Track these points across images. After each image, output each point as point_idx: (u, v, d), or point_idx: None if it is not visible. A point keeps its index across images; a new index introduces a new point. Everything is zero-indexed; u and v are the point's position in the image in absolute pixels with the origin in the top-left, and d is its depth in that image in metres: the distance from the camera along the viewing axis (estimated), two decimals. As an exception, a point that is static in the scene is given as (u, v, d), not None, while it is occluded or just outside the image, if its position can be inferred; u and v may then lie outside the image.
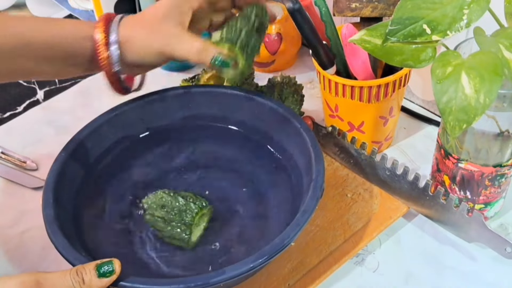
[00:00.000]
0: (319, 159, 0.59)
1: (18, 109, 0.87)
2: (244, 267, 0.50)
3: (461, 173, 0.59)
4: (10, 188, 0.75)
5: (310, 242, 0.62)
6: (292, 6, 0.58)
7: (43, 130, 0.82)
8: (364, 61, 0.65)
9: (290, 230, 0.53)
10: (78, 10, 1.00)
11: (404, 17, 0.52)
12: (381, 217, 0.64)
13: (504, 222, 0.65)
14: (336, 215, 0.65)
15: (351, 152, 0.68)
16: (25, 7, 1.08)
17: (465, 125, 0.48)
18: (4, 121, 0.85)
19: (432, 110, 0.79)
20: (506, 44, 0.49)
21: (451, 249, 0.63)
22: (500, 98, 0.53)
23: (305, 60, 0.90)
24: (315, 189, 0.57)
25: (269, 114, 0.67)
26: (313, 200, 0.56)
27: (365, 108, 0.68)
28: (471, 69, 0.48)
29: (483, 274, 0.61)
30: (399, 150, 0.75)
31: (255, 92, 0.68)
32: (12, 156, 0.78)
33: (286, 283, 0.59)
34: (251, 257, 0.51)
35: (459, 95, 0.48)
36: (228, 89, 0.69)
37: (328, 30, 0.64)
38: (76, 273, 0.49)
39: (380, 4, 0.67)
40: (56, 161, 0.61)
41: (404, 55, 0.53)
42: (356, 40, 0.56)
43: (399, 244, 0.64)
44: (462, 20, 0.50)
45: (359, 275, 0.61)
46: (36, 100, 0.88)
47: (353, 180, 0.69)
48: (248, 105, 0.68)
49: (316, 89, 0.85)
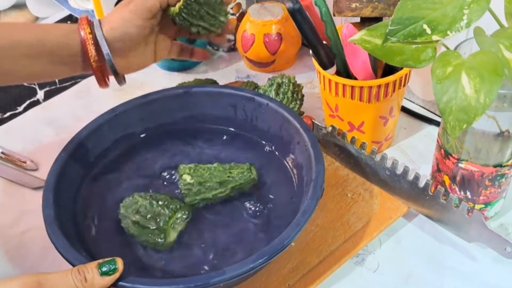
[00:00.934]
0: (319, 159, 0.59)
1: (18, 109, 0.87)
2: (245, 267, 0.51)
3: (461, 173, 0.59)
4: (10, 188, 0.75)
5: (310, 242, 0.62)
6: (292, 6, 0.58)
7: (43, 130, 0.82)
8: (364, 61, 0.65)
9: (290, 230, 0.53)
10: (78, 10, 1.00)
11: (404, 17, 0.52)
12: (381, 217, 0.64)
13: (504, 222, 0.65)
14: (336, 215, 0.65)
15: (351, 152, 0.68)
16: (25, 7, 1.08)
17: (465, 125, 0.48)
18: (4, 121, 0.85)
19: (432, 110, 0.79)
20: (506, 44, 0.49)
21: (451, 249, 0.63)
22: (500, 98, 0.53)
23: (305, 60, 0.90)
24: (315, 189, 0.57)
25: (269, 114, 0.67)
26: (313, 200, 0.56)
27: (365, 108, 0.68)
28: (471, 69, 0.48)
29: (483, 274, 0.61)
30: (399, 150, 0.75)
31: (255, 92, 0.68)
32: (12, 156, 0.78)
33: (286, 283, 0.59)
34: (251, 257, 0.51)
35: (459, 95, 0.48)
36: (228, 89, 0.69)
37: (328, 30, 0.64)
38: (78, 272, 0.49)
39: (380, 4, 0.67)
40: (56, 161, 0.61)
41: (404, 55, 0.53)
42: (356, 40, 0.56)
43: (399, 244, 0.64)
44: (462, 20, 0.50)
45: (359, 275, 0.61)
46: (36, 100, 0.88)
47: (353, 180, 0.69)
48: (248, 105, 0.68)
49: (316, 89, 0.85)
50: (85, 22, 0.61)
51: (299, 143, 0.63)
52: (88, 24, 0.61)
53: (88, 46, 0.60)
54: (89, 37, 0.60)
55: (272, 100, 0.67)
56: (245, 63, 0.90)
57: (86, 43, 0.60)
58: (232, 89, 0.69)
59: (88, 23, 0.61)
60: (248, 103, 0.67)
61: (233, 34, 0.81)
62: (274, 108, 0.66)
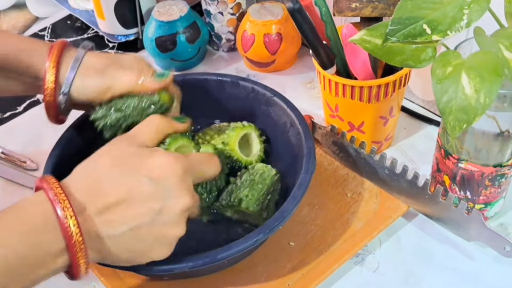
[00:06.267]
0: (308, 135, 0.61)
1: (18, 109, 0.87)
2: (249, 241, 0.53)
3: (461, 173, 0.59)
4: (10, 188, 0.75)
5: (310, 241, 0.63)
6: (292, 6, 0.58)
7: (43, 130, 0.82)
8: (364, 61, 0.65)
9: (288, 204, 0.55)
10: (78, 10, 1.00)
11: (404, 17, 0.52)
12: (381, 217, 0.64)
13: (504, 222, 0.65)
14: (336, 215, 0.65)
15: (350, 151, 0.68)
16: (25, 7, 1.08)
17: (465, 125, 0.48)
18: (4, 121, 0.85)
19: (432, 110, 0.79)
20: (506, 44, 0.49)
21: (451, 248, 0.63)
22: (500, 98, 0.53)
23: (305, 60, 0.90)
24: (308, 164, 0.59)
25: (253, 96, 0.68)
26: (307, 174, 0.58)
27: (365, 108, 0.68)
28: (471, 69, 0.48)
29: (483, 274, 0.61)
30: (399, 150, 0.75)
31: (238, 77, 0.70)
32: (12, 156, 0.78)
33: (286, 283, 0.59)
34: (254, 232, 0.53)
35: (459, 95, 0.48)
36: (208, 75, 0.71)
37: (328, 30, 0.64)
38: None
39: (380, 4, 0.67)
40: (50, 157, 0.62)
41: (404, 55, 0.53)
42: (356, 40, 0.56)
43: (399, 243, 0.64)
44: (462, 20, 0.50)
45: (359, 275, 0.62)
46: (36, 100, 0.88)
47: (353, 179, 0.69)
48: (235, 90, 0.70)
49: (316, 89, 0.85)
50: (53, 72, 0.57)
51: (286, 122, 0.65)
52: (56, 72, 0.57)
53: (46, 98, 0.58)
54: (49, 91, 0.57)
55: (256, 83, 0.68)
56: (245, 63, 0.90)
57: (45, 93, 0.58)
58: (216, 76, 0.70)
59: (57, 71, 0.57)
60: (232, 87, 0.69)
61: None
62: (256, 89, 0.68)
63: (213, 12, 0.88)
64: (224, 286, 0.60)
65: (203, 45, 0.89)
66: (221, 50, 0.93)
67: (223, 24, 0.89)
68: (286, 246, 0.62)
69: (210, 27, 0.90)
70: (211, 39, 0.92)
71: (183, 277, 0.59)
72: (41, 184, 0.47)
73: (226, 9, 0.87)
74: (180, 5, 0.86)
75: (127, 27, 0.93)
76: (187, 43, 0.85)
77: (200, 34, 0.87)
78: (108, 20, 0.92)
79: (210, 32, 0.91)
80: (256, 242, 0.53)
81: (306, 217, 0.65)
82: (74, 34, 1.00)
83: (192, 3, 0.92)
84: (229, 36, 0.91)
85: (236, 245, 0.53)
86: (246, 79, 0.70)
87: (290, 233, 0.63)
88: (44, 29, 1.02)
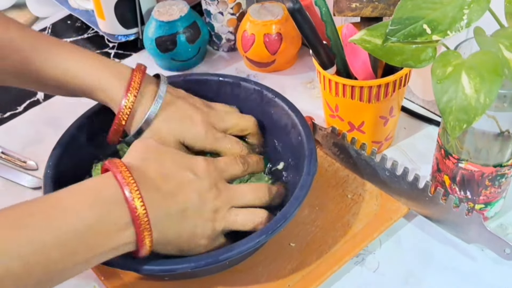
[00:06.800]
0: (309, 137, 0.61)
1: (18, 109, 0.87)
2: (251, 242, 0.53)
3: (461, 173, 0.59)
4: (10, 188, 0.75)
5: (310, 243, 0.62)
6: (292, 6, 0.58)
7: (43, 130, 0.82)
8: (364, 61, 0.65)
9: (290, 205, 0.55)
10: (78, 10, 1.00)
11: (404, 17, 0.52)
12: (381, 218, 0.64)
13: (504, 222, 0.65)
14: (336, 216, 0.65)
15: (350, 153, 0.68)
16: (25, 7, 1.08)
17: (465, 125, 0.48)
18: (4, 121, 0.85)
19: (432, 110, 0.79)
20: (506, 44, 0.49)
21: (451, 249, 0.63)
22: (500, 98, 0.53)
23: (305, 60, 0.90)
24: (309, 166, 0.59)
25: (254, 97, 0.68)
26: (308, 176, 0.58)
27: (365, 108, 0.68)
28: (471, 69, 0.48)
29: (483, 275, 0.60)
30: (399, 150, 0.75)
31: (241, 78, 0.70)
32: (12, 156, 0.78)
33: (286, 284, 0.59)
34: (257, 233, 0.54)
35: (459, 95, 0.48)
36: (209, 76, 0.71)
37: (328, 30, 0.64)
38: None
39: (381, 4, 0.67)
40: (51, 157, 0.62)
41: (404, 55, 0.53)
42: (356, 40, 0.56)
43: (399, 244, 0.64)
44: (462, 20, 0.50)
45: (359, 275, 0.61)
46: (36, 100, 0.88)
47: (353, 181, 0.69)
48: (236, 91, 0.70)
49: (316, 89, 0.85)
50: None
51: (288, 124, 0.65)
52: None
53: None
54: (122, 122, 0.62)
55: (257, 83, 0.68)
56: (245, 63, 0.90)
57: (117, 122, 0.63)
58: (217, 76, 0.70)
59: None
60: (236, 88, 0.69)
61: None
62: (259, 90, 0.68)
63: (213, 12, 0.88)
64: (224, 286, 0.60)
65: (203, 45, 0.89)
66: (221, 50, 0.93)
67: (223, 24, 0.89)
68: (287, 247, 0.62)
69: (210, 27, 0.90)
70: (211, 39, 0.92)
71: (183, 277, 0.59)
72: (110, 166, 0.52)
73: (226, 9, 0.87)
74: (180, 5, 0.86)
75: (127, 27, 0.93)
76: (187, 43, 0.85)
77: (200, 34, 0.87)
78: (108, 20, 0.92)
79: (210, 32, 0.91)
80: (258, 243, 0.53)
81: (306, 218, 0.65)
82: (74, 34, 1.00)
83: (192, 3, 0.92)
84: (229, 36, 0.91)
85: (238, 246, 0.53)
86: (247, 79, 0.70)
87: (290, 234, 0.63)
88: (44, 29, 1.02)
